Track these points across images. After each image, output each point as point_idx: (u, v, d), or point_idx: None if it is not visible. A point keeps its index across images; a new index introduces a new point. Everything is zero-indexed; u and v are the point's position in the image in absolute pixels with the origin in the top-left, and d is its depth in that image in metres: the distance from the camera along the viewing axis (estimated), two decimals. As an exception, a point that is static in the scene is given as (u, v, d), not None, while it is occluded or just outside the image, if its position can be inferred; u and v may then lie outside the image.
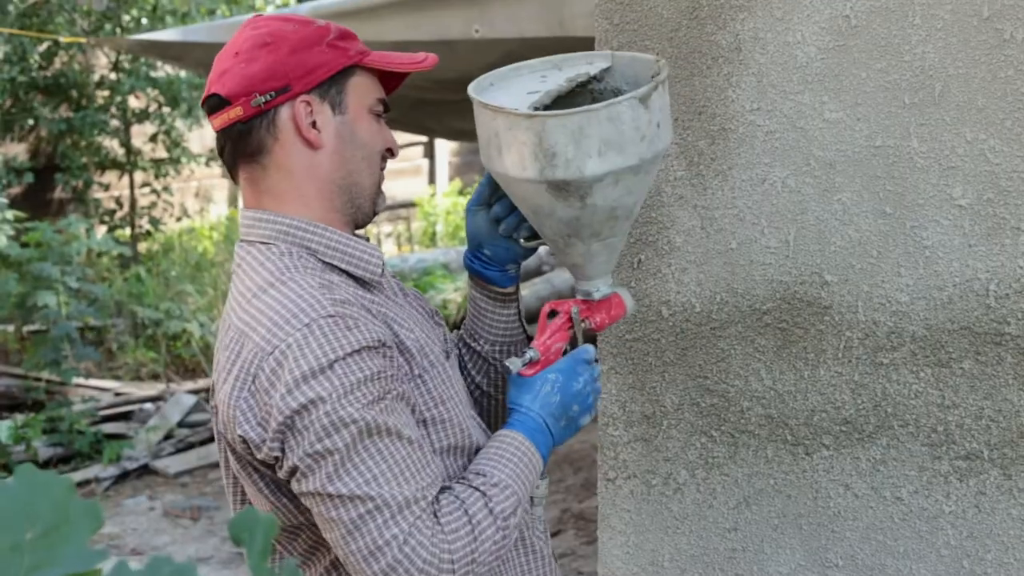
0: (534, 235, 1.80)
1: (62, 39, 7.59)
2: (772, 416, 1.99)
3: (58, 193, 9.30)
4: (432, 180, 12.52)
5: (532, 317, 3.17)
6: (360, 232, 1.77)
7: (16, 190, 8.80)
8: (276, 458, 1.56)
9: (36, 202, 9.06)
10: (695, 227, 2.01)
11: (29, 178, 8.60)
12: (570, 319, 1.77)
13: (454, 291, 8.47)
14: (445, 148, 12.26)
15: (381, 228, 11.61)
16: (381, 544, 1.51)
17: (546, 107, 1.70)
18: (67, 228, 7.29)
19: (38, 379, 7.07)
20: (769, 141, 1.93)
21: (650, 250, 2.05)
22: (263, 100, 1.66)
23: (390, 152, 1.76)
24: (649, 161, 1.64)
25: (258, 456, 1.58)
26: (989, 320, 1.81)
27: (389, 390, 1.57)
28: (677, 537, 2.10)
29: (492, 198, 1.81)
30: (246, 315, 1.61)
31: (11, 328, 7.98)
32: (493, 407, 1.92)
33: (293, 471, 1.55)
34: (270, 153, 1.68)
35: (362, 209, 1.73)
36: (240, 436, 1.57)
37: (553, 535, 5.37)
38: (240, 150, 1.70)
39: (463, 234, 10.16)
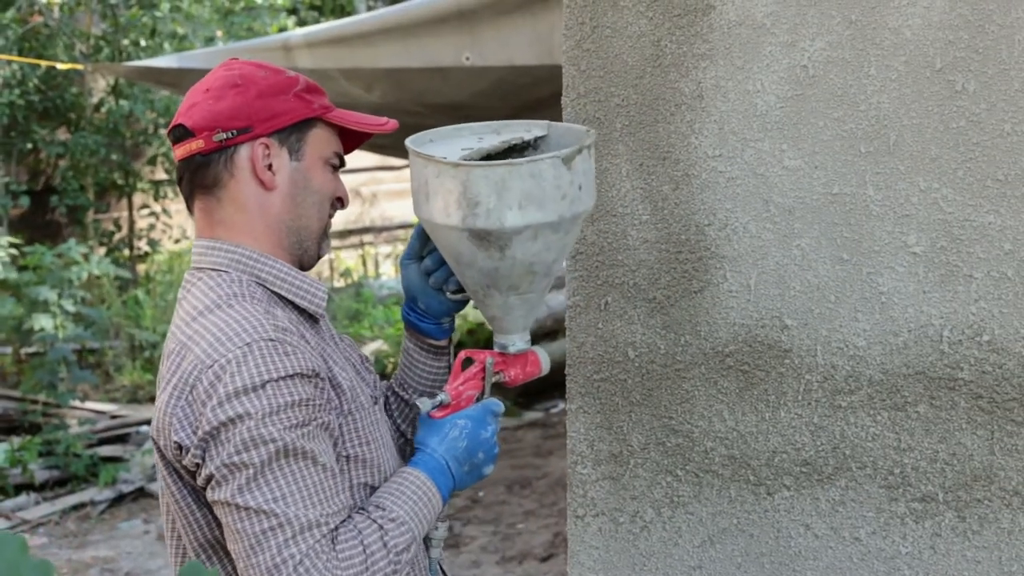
0: (461, 288, 1.86)
1: (59, 66, 7.64)
2: (735, 456, 2.02)
3: (56, 216, 9.35)
4: (431, 200, 12.53)
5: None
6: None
7: (15, 212, 8.85)
8: (197, 465, 1.64)
9: (35, 224, 9.11)
10: (660, 270, 2.05)
11: (25, 201, 8.64)
12: (484, 369, 1.83)
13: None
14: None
15: (379, 249, 11.65)
16: (279, 562, 1.58)
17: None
18: (66, 253, 7.34)
19: (35, 401, 7.11)
20: (730, 187, 1.97)
21: (616, 292, 2.09)
22: (224, 136, 1.74)
23: (340, 202, 1.85)
24: (569, 220, 1.71)
25: (183, 462, 1.65)
26: (943, 365, 1.84)
27: (314, 418, 1.64)
28: (644, 574, 2.13)
29: (423, 251, 1.89)
30: (190, 330, 1.68)
31: (8, 351, 8.02)
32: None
33: (209, 479, 1.63)
34: (225, 187, 1.76)
35: (308, 251, 1.82)
36: (175, 442, 1.64)
37: (545, 559, 5.39)
38: (197, 181, 1.77)
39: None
